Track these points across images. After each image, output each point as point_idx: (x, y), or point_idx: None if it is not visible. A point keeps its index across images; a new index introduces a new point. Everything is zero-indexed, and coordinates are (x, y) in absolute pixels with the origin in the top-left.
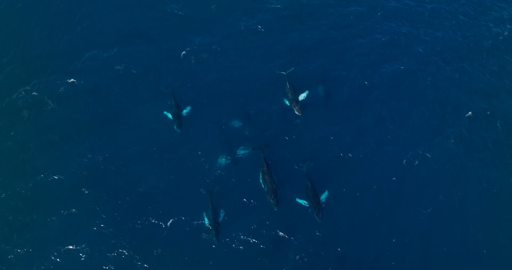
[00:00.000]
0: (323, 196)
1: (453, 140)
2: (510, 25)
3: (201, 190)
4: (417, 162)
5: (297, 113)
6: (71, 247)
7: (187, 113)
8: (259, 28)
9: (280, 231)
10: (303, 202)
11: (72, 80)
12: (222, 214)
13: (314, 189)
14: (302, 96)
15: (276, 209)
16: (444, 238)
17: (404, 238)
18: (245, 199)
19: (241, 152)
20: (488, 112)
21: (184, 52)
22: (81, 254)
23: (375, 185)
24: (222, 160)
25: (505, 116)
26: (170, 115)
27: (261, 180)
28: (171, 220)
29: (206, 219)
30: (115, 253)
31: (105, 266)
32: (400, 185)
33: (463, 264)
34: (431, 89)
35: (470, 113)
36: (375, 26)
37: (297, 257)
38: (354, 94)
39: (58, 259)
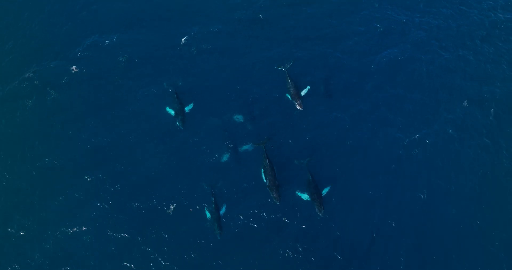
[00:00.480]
0: (325, 191)
1: (449, 126)
2: (503, 14)
3: (204, 185)
4: (414, 148)
5: (299, 108)
6: (74, 229)
7: (189, 110)
8: (259, 16)
9: (280, 221)
10: (304, 196)
11: (73, 67)
12: (224, 208)
13: (316, 184)
14: (303, 92)
15: (278, 203)
16: (440, 222)
17: (400, 222)
18: (247, 193)
19: (243, 146)
20: (483, 99)
21: (184, 40)
22: (83, 237)
23: (373, 171)
24: (224, 154)
25: (499, 102)
26: (172, 112)
27: (263, 175)
28: (172, 206)
29: (208, 213)
30: (117, 235)
31: (107, 248)
32: (397, 171)
33: (458, 248)
34: (428, 76)
35: (465, 101)
36: (373, 15)
37: (297, 244)
38: (353, 82)
39: (61, 242)
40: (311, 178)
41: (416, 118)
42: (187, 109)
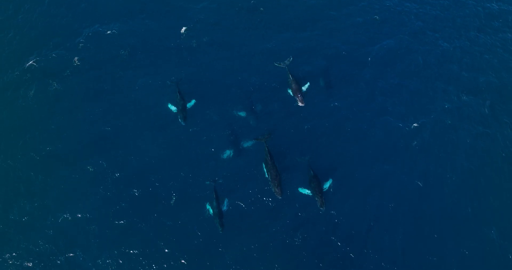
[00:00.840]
0: (327, 185)
1: (446, 115)
2: (499, 5)
3: (205, 181)
4: (412, 137)
5: (300, 104)
6: (76, 216)
7: (191, 106)
8: (259, 8)
9: (280, 210)
10: (306, 191)
11: (75, 58)
12: (226, 203)
13: (317, 178)
14: (304, 87)
15: (280, 197)
16: (436, 209)
17: (398, 209)
18: (248, 185)
19: (244, 142)
20: (480, 89)
21: (184, 31)
22: (86, 223)
23: (371, 159)
24: (226, 149)
25: (495, 92)
26: (174, 108)
27: (264, 170)
28: (174, 195)
29: (209, 208)
30: (119, 222)
31: (109, 234)
32: (395, 159)
33: (454, 234)
34: (425, 66)
35: (462, 91)
36: (372, 6)
37: (297, 232)
38: (352, 73)
39: (63, 228)
40: (312, 173)
41: (414, 108)
42: (189, 105)
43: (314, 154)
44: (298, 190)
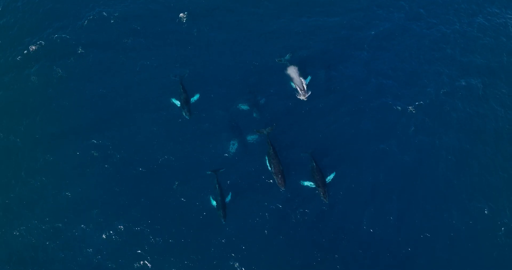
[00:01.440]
0: (330, 177)
1: (441, 96)
2: None
3: (207, 172)
4: (408, 118)
5: (303, 98)
6: (81, 192)
7: (195, 101)
8: None
9: (281, 192)
10: (309, 183)
11: (76, 40)
12: (229, 195)
13: (320, 170)
14: (306, 81)
15: (283, 189)
16: (430, 185)
17: (392, 184)
18: (252, 180)
19: (248, 136)
20: (474, 70)
21: (184, 16)
22: (90, 199)
23: (368, 139)
24: (230, 142)
25: (488, 73)
26: (178, 103)
27: (267, 162)
28: (177, 179)
29: (212, 199)
30: (123, 198)
31: (113, 208)
32: (391, 138)
33: (447, 209)
34: (422, 50)
35: (457, 73)
36: None
37: (296, 210)
38: (350, 56)
39: (68, 203)
40: (315, 166)
41: (410, 90)
42: (192, 100)
43: (313, 139)
44: (300, 183)
